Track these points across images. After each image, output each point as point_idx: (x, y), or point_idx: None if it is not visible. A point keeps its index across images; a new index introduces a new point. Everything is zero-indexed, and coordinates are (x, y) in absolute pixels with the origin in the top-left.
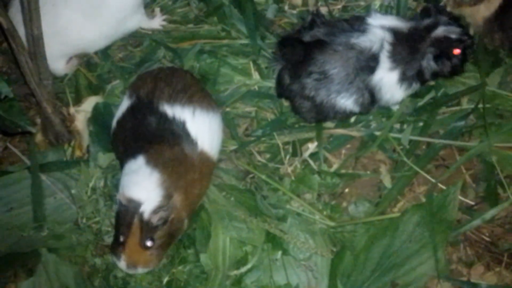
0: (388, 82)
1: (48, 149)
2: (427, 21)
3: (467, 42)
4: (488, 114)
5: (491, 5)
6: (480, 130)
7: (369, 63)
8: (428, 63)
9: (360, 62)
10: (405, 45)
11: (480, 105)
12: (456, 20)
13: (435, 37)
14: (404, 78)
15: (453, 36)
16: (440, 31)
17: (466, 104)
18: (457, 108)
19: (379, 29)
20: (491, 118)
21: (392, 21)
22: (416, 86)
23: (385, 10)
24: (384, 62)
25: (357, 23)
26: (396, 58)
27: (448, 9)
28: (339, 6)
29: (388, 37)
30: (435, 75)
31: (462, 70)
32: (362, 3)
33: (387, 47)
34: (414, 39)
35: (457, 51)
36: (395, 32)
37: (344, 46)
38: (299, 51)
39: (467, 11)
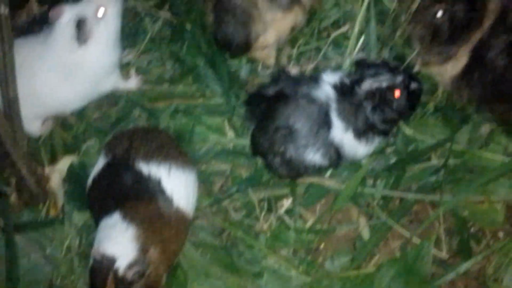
0: (346, 140)
1: (22, 209)
2: (354, 77)
3: (403, 82)
4: (458, 169)
5: (458, 64)
6: (451, 184)
7: (326, 119)
8: (373, 116)
9: (320, 117)
10: (348, 101)
11: (451, 161)
12: (385, 64)
13: (366, 91)
14: (359, 134)
15: (384, 84)
16: (367, 84)
17: (436, 159)
18: (428, 163)
19: (328, 86)
20: (461, 173)
21: (337, 78)
22: (378, 138)
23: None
24: (336, 120)
25: (312, 80)
26: (344, 116)
27: (417, 68)
28: (311, 66)
29: (333, 95)
30: (387, 124)
31: (412, 108)
32: (333, 63)
33: (333, 105)
34: (352, 95)
35: (397, 94)
36: (338, 88)
37: (306, 100)
38: (263, 106)
39: (435, 70)
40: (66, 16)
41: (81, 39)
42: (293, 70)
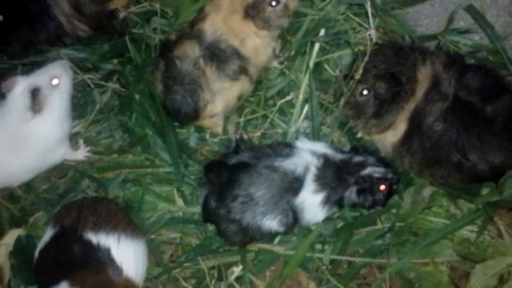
0: (311, 203)
1: None
2: (357, 159)
3: (392, 180)
4: (403, 233)
5: (397, 132)
6: (397, 247)
7: (293, 185)
8: (351, 195)
9: (284, 184)
10: (333, 173)
11: (396, 224)
12: (382, 160)
13: (361, 176)
14: (327, 202)
15: (377, 175)
16: (366, 171)
17: (382, 223)
18: (374, 227)
19: (307, 153)
20: (406, 236)
21: (322, 147)
22: (335, 209)
23: (297, 136)
24: (309, 184)
25: (280, 148)
26: (322, 182)
27: (359, 135)
28: (258, 134)
29: (316, 161)
30: (354, 205)
31: (383, 204)
32: (280, 130)
33: (313, 170)
34: (344, 170)
35: (382, 187)
36: (325, 158)
37: (268, 169)
38: (224, 174)
39: (376, 138)
40: (20, 87)
41: (36, 108)
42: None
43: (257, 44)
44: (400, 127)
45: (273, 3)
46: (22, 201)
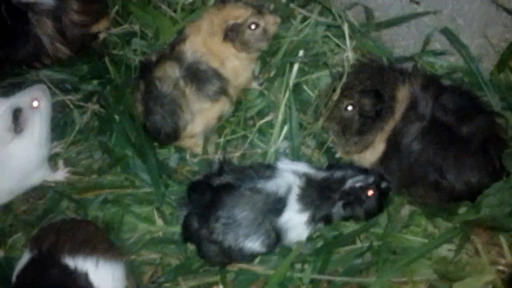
0: (296, 223)
1: None
2: (337, 174)
3: (375, 182)
4: (382, 251)
5: (376, 152)
6: (376, 266)
7: (276, 205)
8: (338, 210)
9: (267, 205)
10: (316, 191)
11: (375, 243)
12: (360, 168)
13: (344, 190)
14: (312, 220)
15: (358, 185)
16: (348, 184)
17: (362, 242)
18: (353, 246)
19: (289, 173)
20: (385, 255)
21: (303, 167)
22: (321, 226)
23: (278, 156)
24: (293, 204)
25: (263, 169)
26: (306, 201)
27: (337, 155)
28: (238, 154)
29: (298, 181)
30: (348, 218)
31: (380, 208)
32: (259, 151)
33: (296, 190)
34: (326, 188)
35: (370, 193)
36: (307, 178)
37: (251, 191)
38: (208, 195)
39: (355, 158)
40: (1, 109)
41: (17, 129)
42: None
43: (236, 65)
44: (378, 147)
45: (252, 27)
46: (0, 223)
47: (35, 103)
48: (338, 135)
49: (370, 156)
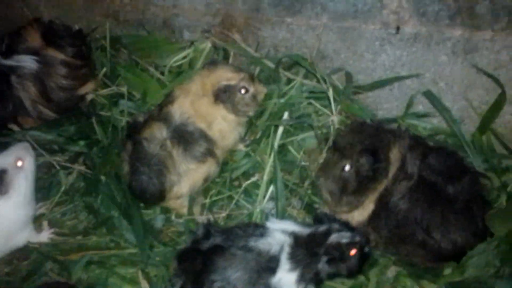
0: (287, 282)
1: None
2: (321, 228)
3: (361, 242)
4: None
5: (365, 211)
6: None
7: (269, 264)
8: (323, 266)
9: (260, 264)
10: (304, 249)
11: None
12: (346, 224)
13: (328, 244)
14: (302, 279)
15: (344, 240)
16: (332, 238)
17: None
18: None
19: (279, 232)
20: None
21: (291, 226)
22: (311, 286)
23: (266, 217)
24: (284, 263)
25: (252, 228)
26: (295, 260)
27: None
28: (224, 215)
29: (288, 240)
30: (333, 275)
31: (359, 269)
32: (245, 211)
33: (287, 249)
34: (312, 244)
35: (353, 252)
36: (294, 236)
37: (243, 250)
38: (198, 261)
39: (342, 216)
40: None
41: (3, 189)
42: (206, 220)
43: (224, 128)
44: (368, 207)
45: (242, 91)
46: None
47: (19, 163)
48: (332, 195)
49: (358, 215)
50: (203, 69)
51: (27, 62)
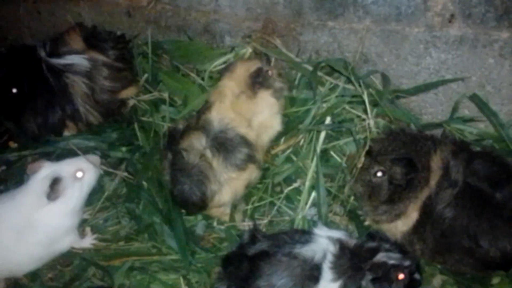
0: None
1: None
2: (370, 244)
3: (410, 268)
4: None
5: (409, 220)
6: None
7: (313, 272)
8: (367, 284)
9: (305, 272)
10: (349, 260)
11: None
12: (398, 246)
13: (374, 262)
14: None
15: (391, 262)
16: (379, 257)
17: None
18: None
19: (324, 239)
20: None
21: (338, 234)
22: None
23: (308, 223)
24: (327, 272)
25: (298, 235)
26: (338, 270)
27: (366, 223)
28: (265, 221)
29: (332, 248)
30: None
31: None
32: (287, 218)
33: (330, 258)
34: (358, 257)
35: (401, 276)
36: (340, 245)
37: (288, 256)
38: (244, 266)
39: (385, 227)
40: (43, 172)
41: (51, 196)
42: (247, 226)
43: (265, 117)
44: (411, 216)
45: (269, 72)
46: None
47: (79, 174)
48: (363, 199)
49: (402, 225)
50: (226, 73)
51: (78, 60)
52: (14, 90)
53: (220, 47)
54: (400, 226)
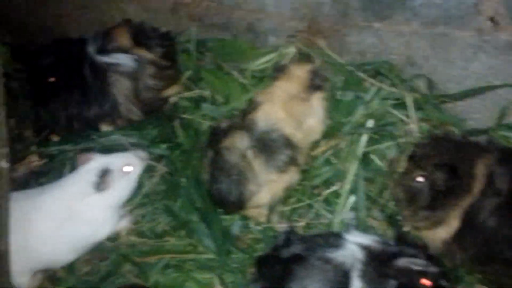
0: None
1: None
2: (393, 248)
3: (436, 274)
4: None
5: (450, 228)
6: None
7: (344, 279)
8: None
9: (337, 277)
10: (375, 267)
11: None
12: (424, 251)
13: (397, 267)
14: None
15: (416, 267)
16: (402, 261)
17: None
18: None
19: (354, 245)
20: None
21: (367, 240)
22: None
23: (346, 227)
24: (356, 280)
25: (332, 238)
26: (366, 279)
27: (405, 229)
28: (302, 224)
29: (361, 255)
30: None
31: None
32: (325, 221)
33: (358, 265)
34: (382, 263)
35: (426, 282)
36: (368, 252)
37: (322, 261)
38: (278, 268)
39: (425, 234)
40: (93, 164)
41: (99, 186)
42: (283, 228)
43: (316, 119)
44: (452, 224)
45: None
46: (63, 284)
47: (127, 168)
48: (401, 204)
49: (443, 233)
50: (279, 74)
51: (125, 60)
52: (52, 79)
53: (263, 47)
54: (440, 234)
